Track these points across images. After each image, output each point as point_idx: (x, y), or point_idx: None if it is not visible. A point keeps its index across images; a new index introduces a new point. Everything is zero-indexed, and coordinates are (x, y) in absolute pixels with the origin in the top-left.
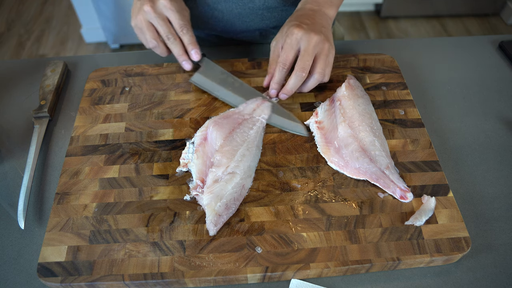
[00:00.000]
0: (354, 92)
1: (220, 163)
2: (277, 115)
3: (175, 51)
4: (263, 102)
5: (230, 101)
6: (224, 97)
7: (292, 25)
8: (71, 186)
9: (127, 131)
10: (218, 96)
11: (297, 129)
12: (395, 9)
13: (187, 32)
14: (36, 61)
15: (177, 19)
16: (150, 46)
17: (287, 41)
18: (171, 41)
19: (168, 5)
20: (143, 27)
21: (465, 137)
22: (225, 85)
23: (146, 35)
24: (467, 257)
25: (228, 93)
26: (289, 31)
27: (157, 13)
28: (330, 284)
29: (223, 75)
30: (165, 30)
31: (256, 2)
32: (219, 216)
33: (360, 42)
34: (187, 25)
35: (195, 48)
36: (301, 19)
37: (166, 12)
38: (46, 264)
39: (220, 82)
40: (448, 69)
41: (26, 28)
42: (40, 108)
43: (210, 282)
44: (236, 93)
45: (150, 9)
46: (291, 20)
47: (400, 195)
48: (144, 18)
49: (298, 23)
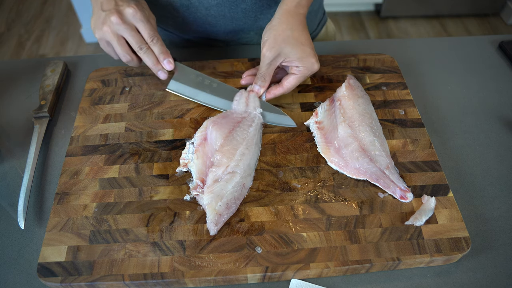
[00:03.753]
0: (354, 92)
1: (220, 163)
2: (266, 111)
3: (149, 62)
4: (249, 93)
5: (213, 105)
6: (206, 101)
7: (309, 54)
8: (71, 186)
9: (127, 131)
10: (199, 101)
11: (285, 121)
12: (395, 9)
13: (157, 41)
14: (36, 61)
15: (146, 29)
16: (123, 60)
17: (304, 71)
18: (143, 51)
19: (136, 14)
20: (112, 40)
21: (465, 137)
22: (203, 88)
23: (117, 48)
24: (467, 257)
25: (208, 96)
26: (310, 63)
27: (127, 24)
28: (330, 284)
29: (199, 78)
30: (137, 41)
31: (248, 3)
32: (220, 215)
33: (360, 42)
34: (156, 34)
35: (167, 58)
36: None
37: (135, 22)
38: (46, 264)
39: (197, 86)
40: (448, 69)
41: (26, 28)
42: (40, 108)
43: (210, 282)
44: (217, 95)
45: (119, 20)
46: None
47: (400, 195)
48: (112, 30)
49: (314, 53)
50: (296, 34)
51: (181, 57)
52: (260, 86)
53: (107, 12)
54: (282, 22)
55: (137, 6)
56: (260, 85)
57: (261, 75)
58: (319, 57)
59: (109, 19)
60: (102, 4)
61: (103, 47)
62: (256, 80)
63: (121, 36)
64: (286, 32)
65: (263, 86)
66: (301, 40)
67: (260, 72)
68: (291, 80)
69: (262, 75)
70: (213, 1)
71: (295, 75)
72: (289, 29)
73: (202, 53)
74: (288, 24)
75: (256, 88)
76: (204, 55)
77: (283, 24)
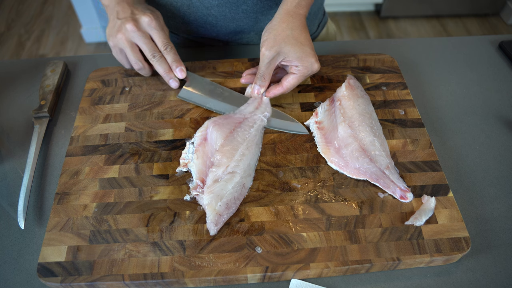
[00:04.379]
0: (354, 92)
1: (220, 163)
2: (276, 118)
3: (161, 70)
4: (262, 99)
5: (223, 111)
6: (216, 107)
7: (309, 54)
8: (71, 186)
9: (127, 131)
10: (210, 108)
11: (298, 128)
12: (395, 9)
13: (170, 50)
14: (36, 61)
15: (160, 37)
16: (135, 67)
17: (303, 71)
18: (156, 59)
19: (152, 23)
20: (126, 47)
21: (465, 137)
22: (214, 96)
23: (130, 55)
24: (467, 257)
25: (219, 103)
26: (310, 62)
27: (142, 32)
28: (330, 284)
29: (211, 86)
30: (150, 49)
31: (249, 4)
32: (220, 215)
33: (360, 42)
34: (170, 43)
35: (180, 66)
36: (298, 37)
37: (150, 30)
38: (46, 264)
39: (209, 93)
40: (448, 69)
41: (26, 28)
42: (40, 108)
43: (210, 282)
44: (228, 102)
45: (134, 28)
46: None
47: (400, 195)
48: (126, 37)
49: (313, 53)
50: (295, 34)
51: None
52: (260, 86)
53: (123, 20)
54: (282, 22)
55: (152, 15)
56: (260, 85)
57: (261, 75)
58: (319, 57)
59: (124, 26)
60: (118, 12)
61: (115, 54)
62: (256, 79)
63: (134, 43)
64: (285, 32)
65: (263, 86)
66: (300, 39)
67: (259, 72)
68: (290, 79)
69: (261, 75)
70: (214, 1)
71: (294, 75)
72: (289, 29)
73: (202, 53)
74: (288, 24)
75: (256, 88)
76: (204, 55)
77: (283, 24)
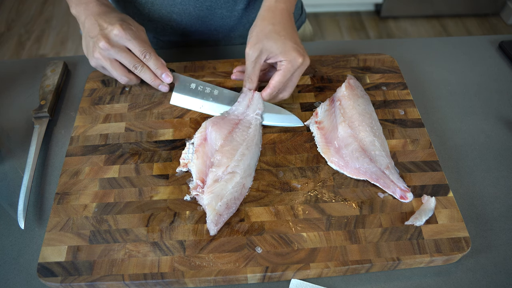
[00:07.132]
0: (354, 92)
1: (220, 163)
2: (270, 112)
3: (147, 78)
4: (253, 95)
5: (216, 114)
6: (209, 111)
7: (291, 48)
8: (71, 186)
9: (127, 131)
10: (204, 112)
11: (293, 121)
12: (395, 9)
13: (150, 57)
14: (36, 61)
15: (136, 46)
16: (122, 82)
17: (287, 66)
18: (139, 69)
19: (122, 34)
20: (107, 65)
21: (465, 137)
22: (206, 97)
23: (113, 72)
24: (467, 257)
25: (212, 104)
26: (293, 56)
27: (116, 47)
28: (330, 284)
29: (199, 87)
30: (130, 61)
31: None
32: (220, 215)
33: (360, 42)
34: (148, 49)
35: (164, 71)
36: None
37: (124, 42)
38: (46, 264)
39: (200, 95)
40: (448, 69)
41: (26, 28)
42: (40, 108)
43: (210, 282)
44: (219, 102)
45: (107, 45)
46: (275, 32)
47: (400, 195)
48: (103, 56)
49: (296, 47)
50: (277, 28)
51: (180, 57)
52: (249, 88)
53: (94, 39)
54: (264, 19)
55: (121, 26)
56: (249, 87)
57: (248, 76)
58: (319, 57)
59: (97, 45)
60: (89, 29)
61: (101, 71)
62: (244, 82)
63: (113, 59)
64: (267, 27)
65: (251, 88)
66: (282, 33)
67: (246, 73)
68: (275, 77)
69: (248, 76)
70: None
71: (279, 71)
72: (271, 24)
73: (202, 53)
74: (270, 20)
75: (246, 91)
76: (204, 55)
77: (265, 21)
